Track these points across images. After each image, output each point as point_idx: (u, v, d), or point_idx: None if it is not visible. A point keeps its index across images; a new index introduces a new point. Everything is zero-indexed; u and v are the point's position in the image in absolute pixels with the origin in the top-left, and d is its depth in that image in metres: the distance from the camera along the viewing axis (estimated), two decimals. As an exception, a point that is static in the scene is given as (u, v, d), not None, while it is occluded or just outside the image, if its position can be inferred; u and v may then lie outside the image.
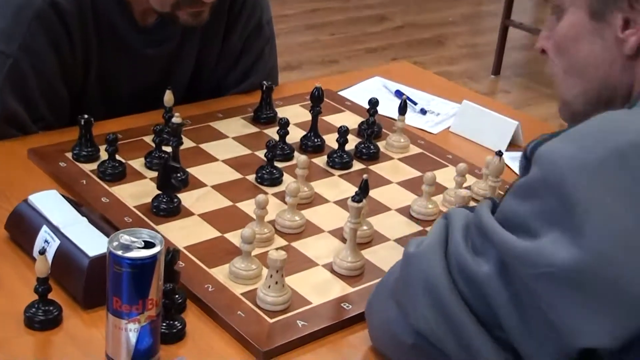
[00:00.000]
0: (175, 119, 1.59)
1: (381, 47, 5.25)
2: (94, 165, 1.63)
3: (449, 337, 1.06)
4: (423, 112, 2.05)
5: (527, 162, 1.07)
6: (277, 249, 1.33)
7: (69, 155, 1.66)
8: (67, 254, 1.31)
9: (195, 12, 1.75)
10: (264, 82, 1.89)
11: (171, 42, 1.91)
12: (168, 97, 1.74)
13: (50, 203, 1.41)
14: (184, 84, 1.98)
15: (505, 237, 1.02)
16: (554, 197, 0.98)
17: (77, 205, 1.44)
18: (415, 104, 2.07)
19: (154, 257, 1.12)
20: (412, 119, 2.00)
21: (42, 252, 1.24)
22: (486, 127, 1.93)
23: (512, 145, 1.90)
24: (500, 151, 1.57)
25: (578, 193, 0.96)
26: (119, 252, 1.11)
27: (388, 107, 1.99)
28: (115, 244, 1.12)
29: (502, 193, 1.63)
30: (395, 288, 1.14)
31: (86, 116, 1.64)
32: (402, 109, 1.81)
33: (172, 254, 1.22)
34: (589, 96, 1.21)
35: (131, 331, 1.14)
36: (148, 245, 1.13)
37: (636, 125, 1.00)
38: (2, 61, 1.71)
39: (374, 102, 1.83)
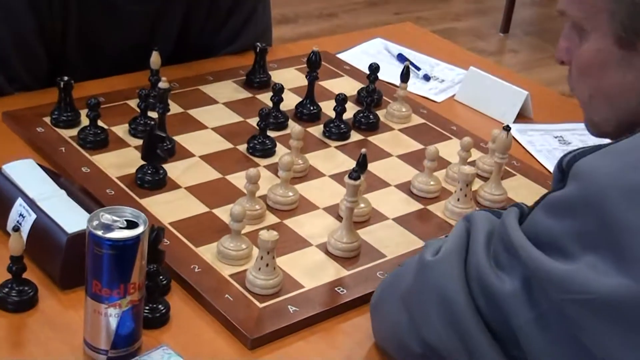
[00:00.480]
0: (162, 84, 1.58)
1: (383, 1, 5.23)
2: (74, 132, 1.61)
3: (462, 353, 1.05)
4: (426, 78, 2.04)
5: (562, 175, 1.03)
6: (268, 228, 1.33)
7: (47, 120, 1.64)
8: (43, 230, 1.30)
9: None
10: (258, 43, 1.87)
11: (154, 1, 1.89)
12: (155, 59, 1.71)
13: (26, 173, 1.39)
14: (171, 43, 1.96)
15: (535, 255, 0.99)
16: (594, 218, 0.95)
17: (55, 175, 1.42)
18: (419, 69, 2.06)
19: (136, 239, 1.10)
20: (415, 85, 1.99)
21: (17, 228, 1.23)
22: (494, 96, 1.92)
23: (521, 117, 1.90)
24: (508, 126, 1.55)
25: (623, 215, 0.93)
26: (99, 233, 1.10)
27: (389, 72, 1.98)
28: (95, 223, 1.11)
29: (510, 170, 1.63)
30: (408, 295, 1.13)
31: (66, 78, 1.62)
32: (405, 76, 1.80)
33: (157, 232, 1.21)
34: (620, 121, 1.16)
35: (111, 316, 1.13)
36: (131, 225, 1.12)
37: None
38: None
39: (374, 68, 1.82)
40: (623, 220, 0.93)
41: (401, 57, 2.11)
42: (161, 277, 1.25)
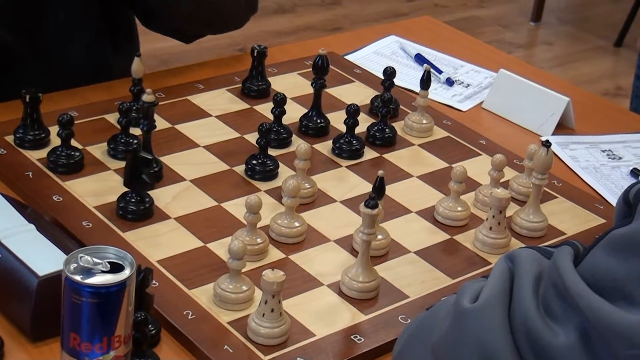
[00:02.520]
0: (147, 96, 1.57)
1: (395, -14, 5.24)
2: (42, 153, 1.61)
3: None
4: (450, 82, 2.04)
5: (629, 208, 1.04)
6: (272, 266, 1.34)
7: (10, 139, 1.64)
8: (10, 273, 1.29)
9: None
10: (255, 45, 1.87)
11: None
12: (137, 66, 1.71)
13: (-11, 206, 1.39)
14: None
15: (595, 302, 0.99)
16: None
17: (22, 206, 1.42)
18: (440, 72, 2.07)
19: (122, 285, 1.10)
20: (437, 91, 2.00)
21: (-21, 275, 1.23)
22: (529, 103, 1.92)
23: (561, 128, 1.90)
24: (547, 141, 1.55)
25: None
26: (78, 278, 1.09)
27: (407, 77, 2.00)
28: (72, 267, 1.11)
29: (550, 192, 1.64)
30: (441, 347, 1.12)
31: (33, 90, 1.62)
32: (425, 82, 1.80)
33: (144, 273, 1.21)
34: None
35: (91, 376, 1.13)
36: (115, 267, 1.12)
37: None
38: None
39: (390, 73, 1.82)
40: None
41: (420, 58, 2.12)
42: (150, 326, 1.24)
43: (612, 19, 4.89)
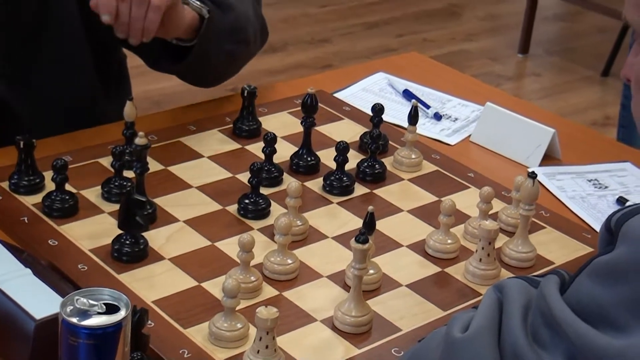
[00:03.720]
0: (139, 139, 1.58)
1: (383, 22, 5.25)
2: (37, 198, 1.61)
3: None
4: (437, 117, 2.05)
5: (611, 236, 1.05)
6: (266, 303, 1.33)
7: (5, 185, 1.65)
8: (7, 317, 1.29)
9: None
10: (245, 86, 1.89)
11: None
12: (129, 110, 1.72)
13: (-14, 252, 1.40)
14: (75, 23, 1.93)
15: (581, 329, 1.00)
16: None
17: (18, 251, 1.42)
18: (428, 107, 2.07)
19: (118, 325, 1.11)
20: (425, 126, 2.00)
21: (-23, 320, 1.24)
22: (515, 136, 1.93)
23: (548, 159, 1.90)
24: (533, 172, 1.57)
25: None
26: (74, 320, 1.10)
27: (395, 113, 2.01)
28: (69, 309, 1.12)
29: (538, 222, 1.64)
30: None
31: (26, 136, 1.63)
32: (413, 118, 1.81)
33: (140, 314, 1.21)
34: None
35: (89, 420, 1.14)
36: (110, 309, 1.13)
37: None
38: None
39: (378, 110, 1.83)
40: None
41: (408, 94, 2.12)
42: (146, 365, 1.26)
43: (598, 49, 4.90)
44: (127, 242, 1.50)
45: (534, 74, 4.87)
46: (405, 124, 1.84)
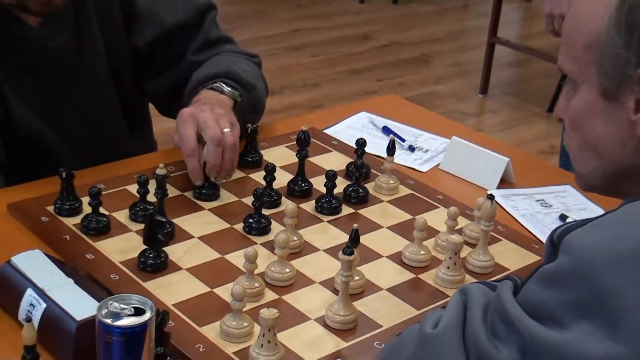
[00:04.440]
0: (160, 170, 1.60)
1: (365, 68, 5.27)
2: (77, 219, 1.63)
3: None
4: (411, 149, 2.06)
5: (553, 248, 1.06)
6: (268, 305, 1.34)
7: (51, 209, 1.66)
8: (54, 319, 1.31)
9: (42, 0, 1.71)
10: (249, 125, 1.90)
11: (66, 30, 1.85)
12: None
13: (34, 263, 1.41)
14: (105, 76, 1.95)
15: (531, 325, 1.01)
16: (585, 288, 0.98)
17: (61, 264, 1.43)
18: (403, 140, 2.08)
19: (144, 325, 1.13)
20: (401, 156, 2.01)
21: (29, 319, 1.24)
22: (476, 164, 1.94)
23: (504, 183, 1.92)
24: (491, 194, 1.58)
25: (611, 283, 0.96)
26: (109, 321, 1.13)
27: (376, 146, 2.01)
28: (104, 312, 1.14)
29: (496, 236, 1.66)
30: None
31: (67, 168, 1.64)
32: (391, 150, 1.82)
33: (162, 316, 1.22)
34: (605, 172, 1.19)
35: (122, 401, 1.15)
36: (138, 311, 1.15)
37: None
38: None
39: (361, 143, 1.83)
40: (612, 289, 0.96)
41: (386, 130, 2.13)
42: (168, 358, 1.26)
43: (544, 90, 4.91)
44: (151, 255, 1.51)
45: (492, 111, 4.89)
46: (385, 155, 1.85)
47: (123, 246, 1.57)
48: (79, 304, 1.31)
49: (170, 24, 1.96)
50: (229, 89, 1.87)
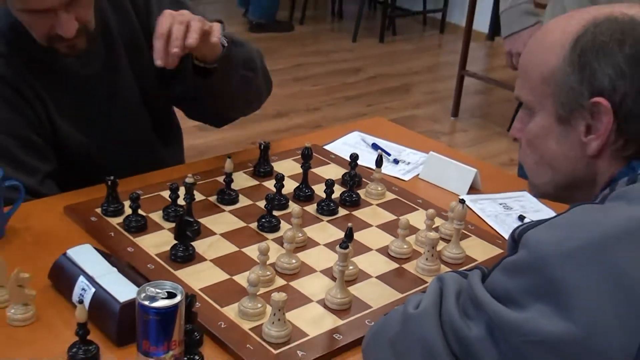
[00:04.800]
0: (188, 179, 1.61)
1: (357, 95, 5.26)
2: (119, 219, 1.63)
3: None
4: (396, 162, 2.06)
5: (514, 244, 1.06)
6: (278, 290, 1.35)
7: (99, 210, 1.66)
8: (101, 301, 1.32)
9: (68, 44, 1.69)
10: (261, 141, 1.90)
11: (98, 60, 1.83)
12: (228, 165, 1.74)
13: (85, 256, 1.41)
14: (136, 98, 1.92)
15: (495, 307, 1.01)
16: (539, 276, 0.98)
17: (107, 256, 1.44)
18: (389, 154, 2.08)
19: (175, 306, 1.14)
20: (387, 168, 2.01)
21: (81, 301, 1.26)
22: (450, 174, 1.93)
23: (473, 189, 1.91)
24: (462, 199, 1.59)
25: (560, 273, 0.96)
26: (146, 303, 1.13)
27: (366, 159, 2.00)
28: (142, 295, 1.14)
29: (466, 233, 1.66)
30: (394, 340, 1.13)
31: (112, 177, 1.65)
32: (379, 163, 1.83)
33: (190, 299, 1.23)
34: (558, 184, 1.19)
35: (158, 368, 1.15)
36: (170, 295, 1.15)
37: (604, 220, 1.00)
38: None
39: (354, 157, 1.84)
40: (561, 278, 0.96)
41: (375, 146, 2.13)
42: (195, 333, 1.26)
43: (505, 113, 4.90)
44: (180, 249, 1.52)
45: (462, 130, 4.89)
46: (374, 167, 1.85)
47: (157, 241, 1.57)
48: (122, 289, 1.32)
49: None
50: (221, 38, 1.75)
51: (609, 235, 0.98)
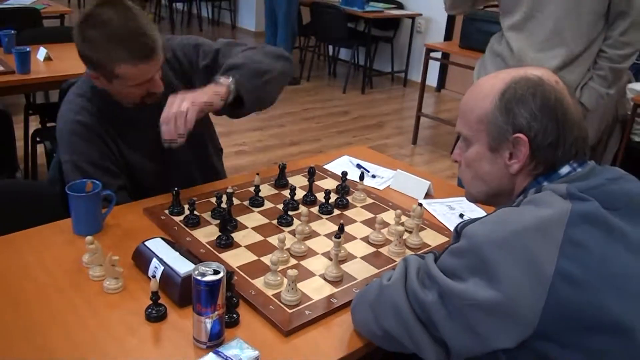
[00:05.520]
0: (229, 190, 1.59)
1: (346, 130, 5.23)
2: (181, 218, 1.60)
3: (405, 335, 1.05)
4: (373, 176, 2.03)
5: (457, 235, 1.05)
6: (292, 268, 1.33)
7: (167, 211, 1.63)
8: (168, 275, 1.30)
9: (155, 97, 1.62)
10: (280, 163, 1.87)
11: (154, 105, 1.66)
12: (257, 179, 1.70)
13: (157, 244, 1.39)
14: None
15: (444, 279, 1.00)
16: (475, 258, 0.97)
17: (172, 244, 1.41)
18: (369, 172, 2.05)
19: (219, 281, 1.11)
20: (367, 181, 1.98)
21: (154, 275, 1.24)
22: (411, 185, 1.91)
23: (428, 195, 1.89)
24: (420, 203, 1.57)
25: (490, 255, 0.95)
26: (199, 277, 1.11)
27: (353, 175, 1.97)
28: (196, 272, 1.12)
29: (423, 226, 1.64)
30: (373, 303, 1.12)
31: (176, 188, 1.62)
32: (361, 178, 1.80)
33: (230, 274, 1.22)
34: (487, 193, 1.17)
35: (207, 323, 1.13)
36: (216, 272, 1.13)
37: (520, 218, 0.99)
38: (71, 166, 1.61)
39: (344, 174, 1.82)
40: (491, 258, 0.95)
41: (359, 166, 2.10)
42: (234, 298, 1.25)
43: (448, 142, 4.89)
44: (223, 238, 1.49)
45: (419, 154, 4.86)
46: (358, 180, 1.82)
47: (207, 233, 1.54)
48: (182, 266, 1.30)
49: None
50: (223, 77, 1.60)
51: (523, 228, 0.96)
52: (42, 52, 3.24)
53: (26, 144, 3.51)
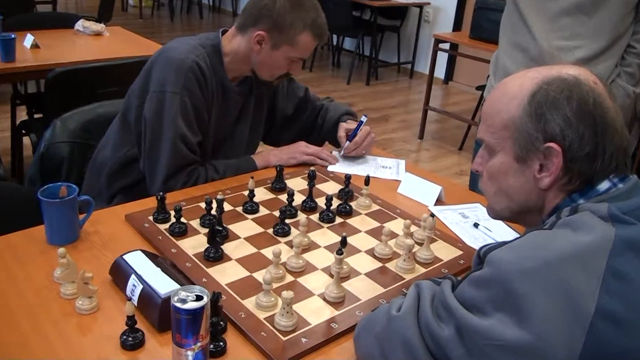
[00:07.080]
0: (219, 196, 1.46)
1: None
2: (166, 225, 1.49)
3: None
4: (384, 167, 1.90)
5: (480, 261, 0.95)
6: (287, 286, 1.22)
7: (151, 218, 1.52)
8: (147, 295, 1.18)
9: (282, 78, 1.81)
10: (277, 165, 1.75)
11: (245, 87, 1.85)
12: (251, 183, 1.62)
13: (136, 259, 1.27)
14: (263, 118, 1.96)
15: (464, 313, 0.89)
16: (500, 289, 0.86)
17: (154, 257, 1.29)
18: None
19: (202, 308, 0.99)
20: (380, 173, 1.86)
21: (130, 298, 1.11)
22: (421, 190, 1.79)
23: (439, 202, 1.77)
24: (432, 213, 1.44)
25: (518, 288, 0.84)
26: (179, 305, 0.98)
27: (358, 179, 1.86)
28: (176, 298, 1.00)
29: (434, 238, 1.51)
30: (380, 336, 1.00)
31: (161, 193, 1.50)
32: (367, 182, 1.69)
33: (217, 295, 1.09)
34: (513, 210, 1.07)
35: (189, 356, 1.01)
36: (198, 297, 1.00)
37: (554, 244, 0.88)
38: (175, 98, 1.65)
39: (348, 177, 1.70)
40: (519, 292, 0.84)
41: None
42: (220, 322, 1.13)
43: (456, 136, 4.82)
44: (212, 251, 1.37)
45: (425, 149, 4.77)
46: (363, 187, 1.71)
47: (194, 244, 1.43)
48: (163, 285, 1.18)
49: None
50: (350, 118, 2.03)
51: (559, 257, 0.85)
52: (29, 39, 3.11)
53: (13, 136, 3.39)
